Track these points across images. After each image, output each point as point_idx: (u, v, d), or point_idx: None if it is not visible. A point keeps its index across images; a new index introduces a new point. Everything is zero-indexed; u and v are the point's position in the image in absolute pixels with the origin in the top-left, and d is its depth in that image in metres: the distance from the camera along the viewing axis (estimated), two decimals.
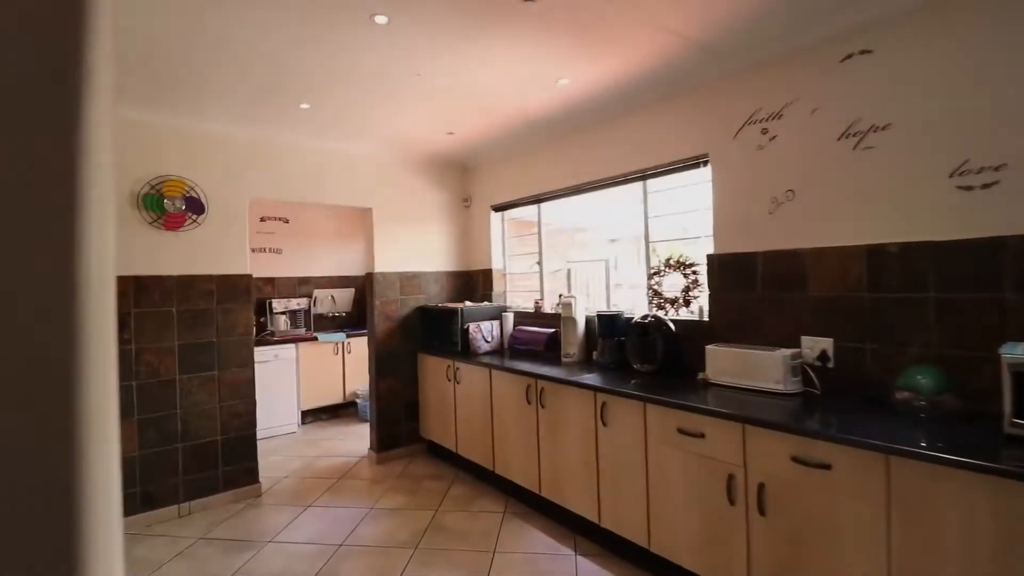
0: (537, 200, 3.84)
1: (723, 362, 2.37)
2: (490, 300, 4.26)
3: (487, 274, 4.32)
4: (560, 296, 3.46)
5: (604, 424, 2.50)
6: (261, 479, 3.66)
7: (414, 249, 4.22)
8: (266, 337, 5.01)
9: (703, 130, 2.70)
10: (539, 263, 3.96)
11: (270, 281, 5.40)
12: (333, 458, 4.15)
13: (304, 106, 3.01)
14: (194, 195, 3.21)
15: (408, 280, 4.17)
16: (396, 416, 4.09)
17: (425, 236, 4.29)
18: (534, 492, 2.98)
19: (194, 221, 3.22)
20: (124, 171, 3.01)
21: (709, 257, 2.68)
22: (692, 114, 2.76)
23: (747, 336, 2.48)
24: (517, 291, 4.33)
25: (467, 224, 4.55)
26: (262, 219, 5.33)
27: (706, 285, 2.71)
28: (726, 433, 1.99)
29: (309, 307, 5.52)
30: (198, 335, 3.24)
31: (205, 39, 2.21)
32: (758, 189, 2.47)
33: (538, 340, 3.47)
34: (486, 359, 3.49)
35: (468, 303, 4.04)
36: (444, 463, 3.93)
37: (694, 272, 2.81)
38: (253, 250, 5.27)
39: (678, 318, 2.83)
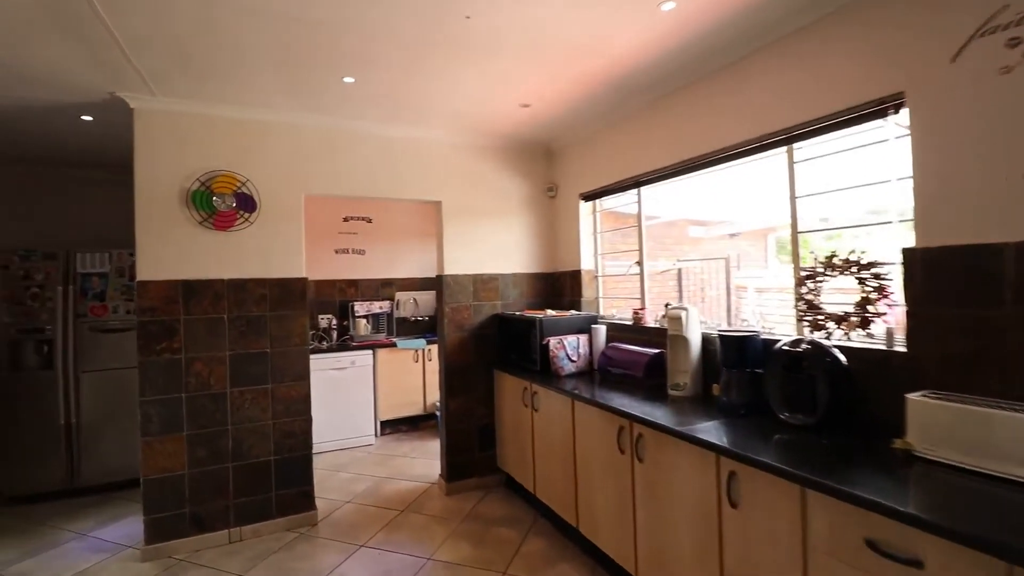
0: (636, 183, 3.04)
1: (943, 425, 1.43)
2: (578, 308, 3.53)
3: (575, 277, 3.60)
4: (667, 306, 2.63)
5: (732, 505, 1.67)
6: (324, 501, 3.34)
7: (490, 248, 3.63)
8: (346, 342, 4.78)
9: (893, 56, 1.75)
10: (639, 263, 3.15)
11: (353, 283, 5.18)
12: (402, 482, 3.72)
13: (348, 79, 2.55)
14: (246, 192, 2.92)
15: (483, 284, 3.60)
16: (469, 441, 3.54)
17: (503, 232, 3.68)
18: (629, 573, 2.22)
19: (246, 220, 2.92)
20: (175, 167, 2.79)
21: (908, 253, 1.71)
22: (875, 34, 1.81)
23: (985, 382, 1.50)
24: (613, 298, 3.56)
25: (552, 218, 3.86)
26: (345, 219, 5.13)
27: (900, 296, 1.75)
28: (974, 570, 1.09)
29: (391, 310, 5.22)
30: (250, 344, 2.95)
31: (233, 14, 1.79)
32: (1005, 140, 1.48)
33: (636, 363, 2.69)
34: (569, 383, 2.79)
35: (550, 312, 3.36)
36: (522, 503, 3.29)
37: (876, 276, 1.85)
38: (336, 251, 5.09)
39: (850, 344, 1.89)
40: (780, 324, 2.44)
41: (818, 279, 2.03)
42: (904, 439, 1.52)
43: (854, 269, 1.91)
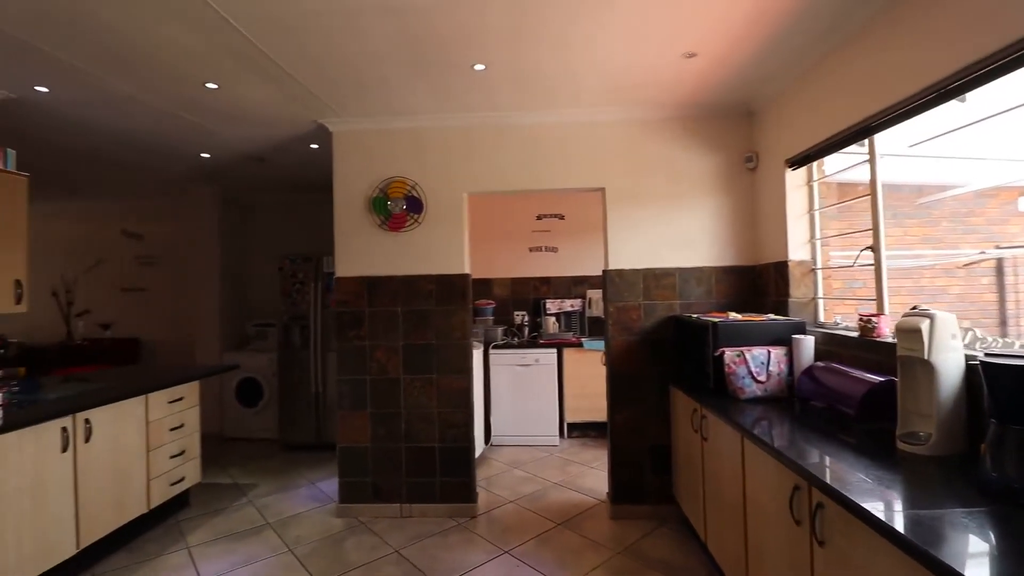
0: (864, 130, 2.11)
1: None
2: (783, 312, 2.70)
3: (780, 270, 2.76)
4: (915, 309, 1.72)
5: None
6: (490, 495, 3.38)
7: (665, 238, 3.08)
8: (534, 339, 4.79)
9: None
10: (872, 249, 2.19)
11: (546, 281, 5.17)
12: (571, 492, 3.48)
13: (479, 67, 2.45)
14: (414, 194, 3.13)
15: (656, 279, 3.08)
16: (638, 461, 3.08)
17: (682, 219, 3.08)
18: None
19: (415, 221, 3.14)
20: (361, 178, 3.18)
21: None
22: None
23: None
24: (842, 299, 2.60)
25: (750, 196, 3.06)
26: (538, 217, 5.16)
27: None
28: None
29: (583, 309, 5.02)
30: (418, 336, 3.16)
31: (350, 25, 1.92)
32: None
33: (848, 394, 1.85)
34: (746, 411, 2.12)
35: (734, 315, 2.64)
36: (697, 548, 2.68)
37: None
38: (530, 249, 5.16)
39: None
40: None
41: None
42: None
43: None
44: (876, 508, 1.18)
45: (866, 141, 2.15)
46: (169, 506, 3.16)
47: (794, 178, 2.69)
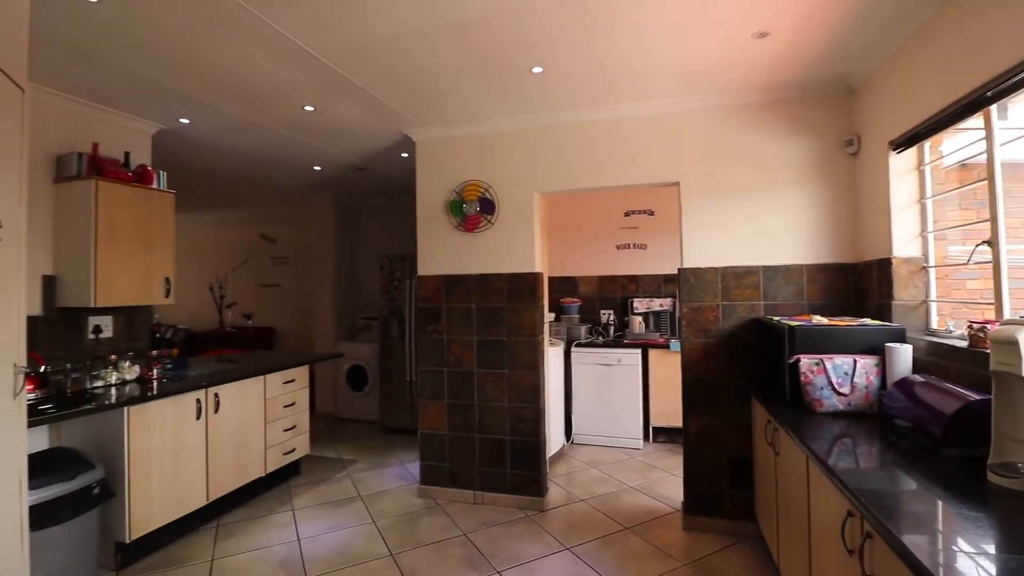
0: (978, 101, 1.78)
1: None
2: (887, 316, 2.37)
3: (883, 268, 2.42)
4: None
5: None
6: (563, 492, 3.42)
7: (748, 233, 2.86)
8: (618, 339, 4.69)
9: None
10: (989, 243, 1.84)
11: (633, 279, 5.03)
12: (645, 497, 3.39)
13: (537, 69, 2.49)
14: (487, 196, 3.27)
15: (737, 279, 2.87)
16: (715, 473, 2.91)
17: (767, 213, 2.83)
18: None
19: (488, 222, 3.27)
20: (439, 183, 3.39)
21: None
22: None
23: None
24: (965, 303, 2.22)
25: (850, 184, 2.71)
26: (626, 214, 5.03)
27: None
28: None
29: (673, 308, 4.80)
30: (491, 332, 3.29)
31: (415, 45, 2.11)
32: None
33: (937, 412, 1.59)
34: (822, 426, 1.92)
35: (816, 319, 2.37)
36: (770, 571, 2.47)
37: None
38: (618, 247, 5.06)
39: None
40: None
41: None
42: None
43: None
44: (923, 545, 1.03)
45: (983, 115, 1.81)
46: (283, 472, 3.66)
47: (900, 162, 2.34)
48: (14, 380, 1.48)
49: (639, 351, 4.40)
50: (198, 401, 2.91)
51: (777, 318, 2.60)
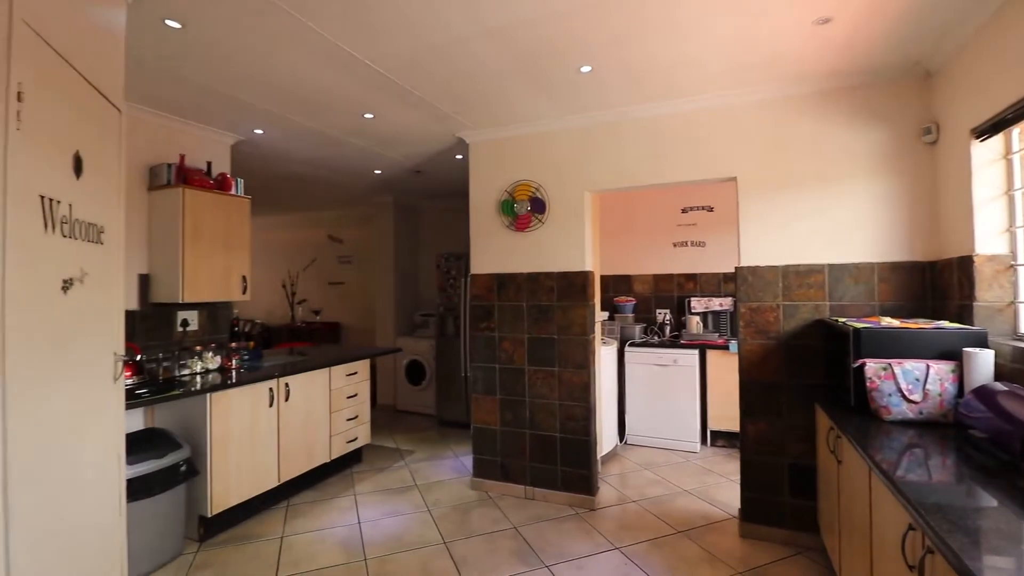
0: None
1: None
2: (967, 319, 2.18)
3: (964, 267, 2.22)
4: None
5: None
6: (614, 491, 3.42)
7: (811, 229, 2.71)
8: (675, 339, 4.58)
9: None
10: None
11: (691, 278, 4.88)
12: (700, 502, 3.30)
13: (585, 69, 2.49)
14: (538, 196, 3.30)
15: (799, 278, 2.73)
16: (775, 480, 2.79)
17: (834, 207, 2.67)
18: None
19: (539, 221, 3.31)
20: (491, 183, 3.47)
21: None
22: None
23: None
24: None
25: (925, 175, 2.51)
26: (683, 210, 4.89)
27: None
28: None
29: (734, 308, 4.62)
30: (541, 330, 3.33)
31: (464, 50, 2.19)
32: None
33: (1016, 425, 1.45)
34: (889, 435, 1.80)
35: (886, 320, 2.22)
36: None
37: None
38: (674, 244, 4.93)
39: None
40: None
41: None
42: None
43: None
44: (987, 565, 0.96)
45: None
46: (346, 459, 3.88)
47: (984, 151, 2.13)
48: (114, 367, 1.68)
49: (696, 352, 4.28)
50: (271, 390, 3.15)
51: (842, 320, 2.45)
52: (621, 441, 4.38)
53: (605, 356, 3.88)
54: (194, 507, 2.80)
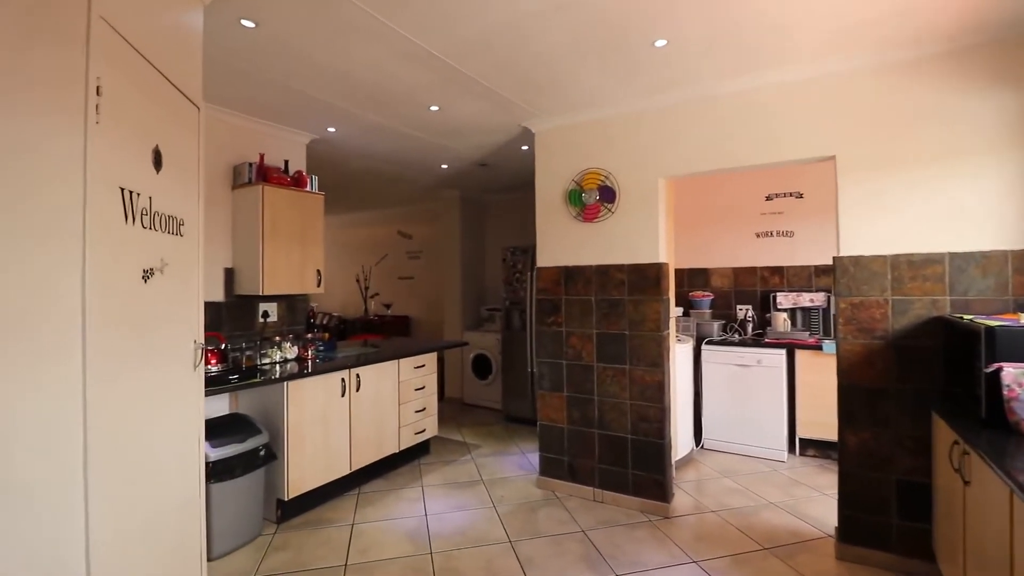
0: None
1: None
2: None
3: None
4: None
5: None
6: (690, 499, 3.21)
7: (927, 212, 2.35)
8: (758, 337, 4.22)
9: None
10: None
11: (777, 271, 4.48)
12: (790, 517, 3.01)
13: (659, 43, 2.29)
14: (607, 184, 3.13)
15: (912, 268, 2.38)
16: (880, 498, 2.47)
17: (956, 186, 2.30)
18: None
19: (608, 211, 3.14)
20: (558, 173, 3.34)
21: None
22: None
23: None
24: None
25: None
26: (768, 197, 4.50)
27: None
28: None
29: (827, 304, 4.19)
30: (611, 325, 3.16)
31: (529, 29, 2.10)
32: None
33: None
34: None
35: None
36: None
37: None
38: (757, 235, 4.55)
39: None
40: None
41: None
42: None
43: None
44: None
45: None
46: (415, 451, 3.93)
47: None
48: (195, 354, 1.74)
49: (783, 352, 3.91)
50: (343, 380, 3.24)
51: (969, 317, 2.10)
52: (697, 445, 4.11)
53: (680, 354, 3.64)
54: (272, 491, 2.93)
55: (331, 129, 3.51)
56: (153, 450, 1.50)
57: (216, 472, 2.54)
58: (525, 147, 3.98)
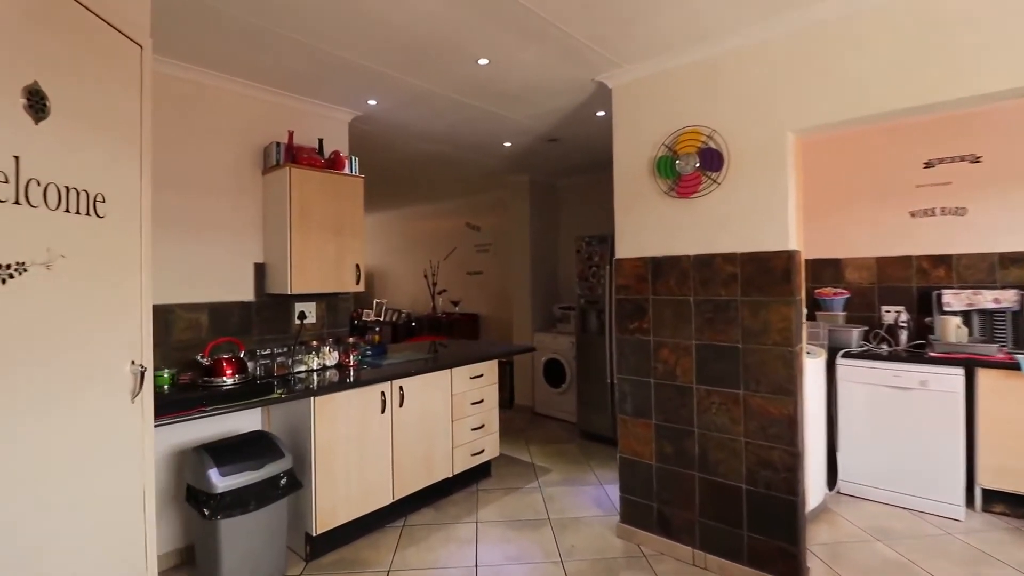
0: None
1: None
2: None
3: None
4: None
5: None
6: (835, 572, 2.34)
7: None
8: (918, 349, 3.18)
9: None
10: None
11: (942, 260, 3.38)
12: None
13: None
14: (711, 146, 2.34)
15: None
16: None
17: None
18: None
19: (712, 181, 2.35)
20: (642, 138, 2.60)
21: None
22: None
23: None
24: None
25: None
26: (928, 164, 3.40)
27: None
28: None
29: (1022, 306, 3.06)
30: (717, 335, 2.38)
31: None
32: None
33: None
34: None
35: None
36: None
37: None
38: (912, 214, 3.48)
39: None
40: None
41: None
42: None
43: None
44: None
45: None
46: (472, 473, 3.38)
47: None
48: (134, 380, 1.26)
49: (959, 370, 2.87)
50: (382, 394, 2.75)
51: None
52: (831, 490, 3.17)
53: (808, 370, 2.75)
54: (301, 521, 2.50)
55: (372, 102, 3.03)
56: (61, 515, 1.03)
57: (225, 505, 2.13)
58: (601, 112, 3.26)
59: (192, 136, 2.61)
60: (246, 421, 2.73)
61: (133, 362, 1.29)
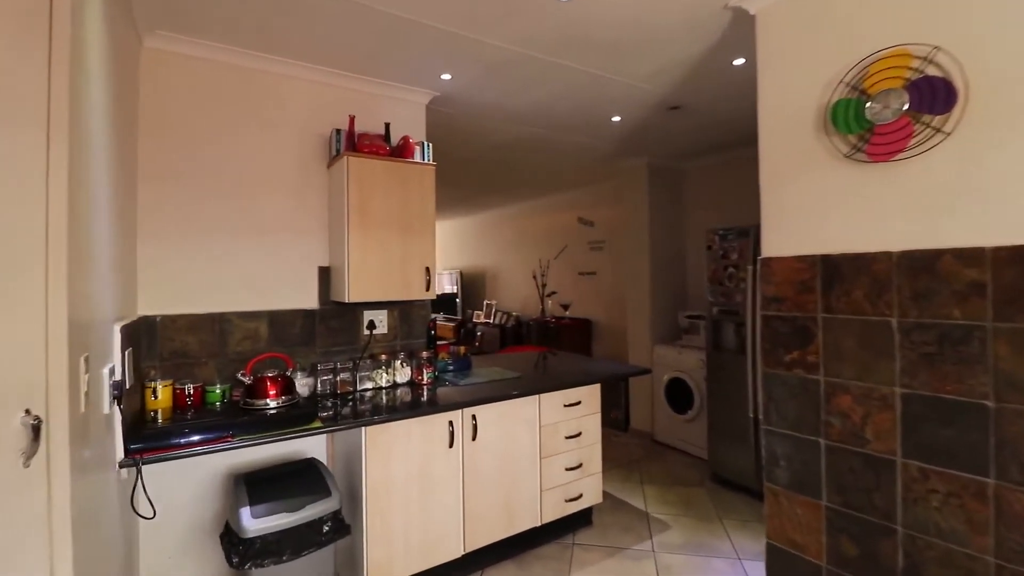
0: None
1: None
2: None
3: None
4: None
5: None
6: None
7: None
8: None
9: None
10: None
11: None
12: None
13: None
14: (933, 73, 1.43)
15: None
16: None
17: None
18: None
19: (933, 130, 1.44)
20: (806, 78, 1.74)
21: None
22: None
23: None
24: None
25: None
26: None
27: None
28: None
29: None
30: (945, 381, 1.46)
31: None
32: None
33: None
34: None
35: None
36: None
37: None
38: None
39: None
40: None
41: None
42: None
43: None
44: None
45: None
46: (569, 521, 2.77)
47: None
48: (26, 437, 0.90)
49: None
50: (450, 424, 2.27)
51: None
52: None
53: None
54: (354, 570, 2.13)
55: (446, 76, 2.57)
56: None
57: (255, 553, 1.81)
58: (740, 60, 2.41)
59: (249, 129, 2.38)
60: (309, 442, 2.45)
61: (28, 411, 0.92)
